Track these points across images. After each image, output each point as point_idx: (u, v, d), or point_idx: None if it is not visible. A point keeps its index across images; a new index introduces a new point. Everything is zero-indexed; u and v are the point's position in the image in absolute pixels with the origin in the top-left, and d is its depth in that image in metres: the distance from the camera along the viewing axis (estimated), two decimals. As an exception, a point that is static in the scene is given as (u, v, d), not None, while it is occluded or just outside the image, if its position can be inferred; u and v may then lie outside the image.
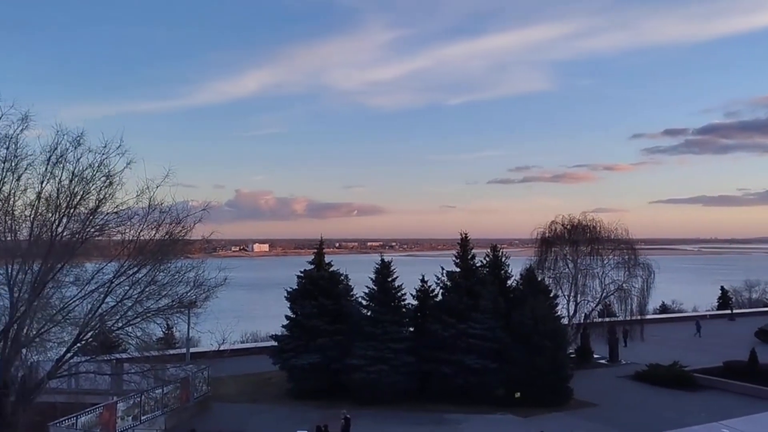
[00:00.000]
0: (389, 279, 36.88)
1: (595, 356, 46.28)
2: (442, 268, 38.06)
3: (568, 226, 47.68)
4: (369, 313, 36.46)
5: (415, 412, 33.02)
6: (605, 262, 47.40)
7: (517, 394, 33.82)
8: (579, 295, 46.01)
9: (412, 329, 37.23)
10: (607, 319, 48.43)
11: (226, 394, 35.33)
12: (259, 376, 39.54)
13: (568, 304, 45.64)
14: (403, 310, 37.03)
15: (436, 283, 37.97)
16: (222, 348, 30.75)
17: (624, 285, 46.31)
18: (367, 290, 37.13)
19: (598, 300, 46.69)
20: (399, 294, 36.92)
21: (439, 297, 37.67)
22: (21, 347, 21.89)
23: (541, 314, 34.84)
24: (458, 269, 37.91)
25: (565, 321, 43.03)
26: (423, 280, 38.10)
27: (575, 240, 47.14)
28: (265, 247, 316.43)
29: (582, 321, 46.24)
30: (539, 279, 41.41)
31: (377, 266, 37.24)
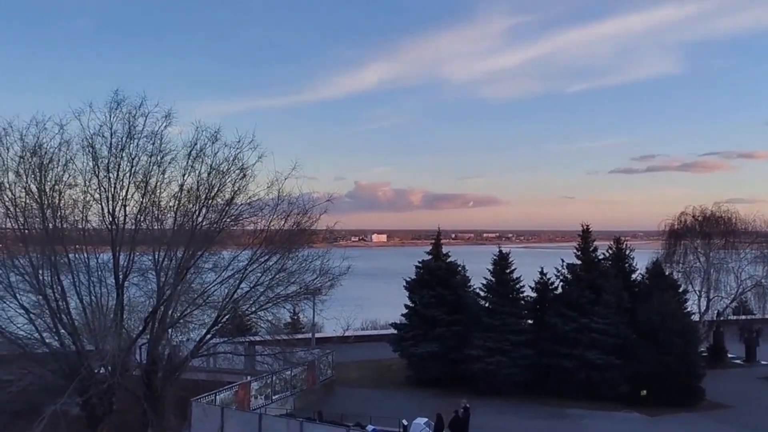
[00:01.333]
0: (507, 270, 36.67)
1: (730, 356, 43.49)
2: (563, 261, 37.29)
3: (700, 218, 44.96)
4: (487, 305, 36.46)
5: (535, 405, 32.70)
6: (741, 256, 44.31)
7: (644, 392, 32.58)
8: (711, 291, 43.32)
9: (530, 322, 36.84)
10: (743, 317, 45.42)
11: (349, 378, 36.65)
12: (380, 362, 40.57)
13: (699, 300, 43.12)
14: (522, 302, 36.73)
15: (556, 275, 37.28)
16: (346, 334, 31.95)
17: (763, 281, 43.15)
18: (484, 281, 37.13)
19: (732, 296, 43.87)
20: (517, 286, 36.65)
21: (559, 290, 36.97)
22: (167, 328, 23.92)
23: (668, 310, 33.32)
24: (579, 262, 37.01)
25: (696, 318, 40.86)
26: (542, 273, 37.53)
27: (708, 232, 44.38)
28: (383, 238, 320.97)
29: (715, 318, 43.60)
30: (667, 273, 39.55)
31: (495, 257, 37.12)
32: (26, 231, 21.73)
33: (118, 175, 22.51)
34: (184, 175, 24.06)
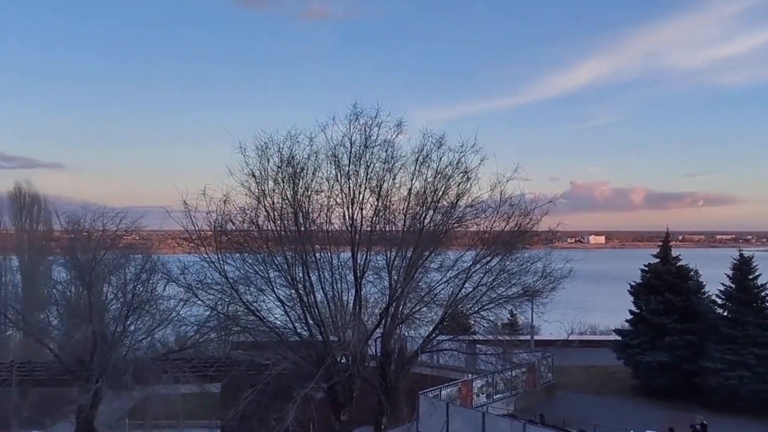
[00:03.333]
0: (750, 276, 33.26)
1: None
2: (822, 266, 32.91)
3: None
4: (725, 313, 33.38)
5: (786, 427, 29.27)
6: None
7: None
8: None
9: (781, 334, 33.02)
10: None
11: (569, 383, 35.84)
12: (602, 369, 39.08)
13: None
14: (769, 312, 33.09)
15: (814, 283, 32.96)
16: (569, 338, 31.43)
17: None
18: (722, 288, 34.07)
19: None
20: (763, 294, 33.09)
21: (818, 300, 32.65)
22: (398, 323, 25.57)
23: None
24: None
25: None
26: (795, 280, 33.44)
27: None
28: (601, 239, 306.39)
29: None
30: None
31: (734, 262, 33.80)
32: (282, 232, 24.69)
33: (357, 181, 24.67)
34: (412, 180, 25.78)
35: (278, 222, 24.73)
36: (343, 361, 24.26)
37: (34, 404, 32.50)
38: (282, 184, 24.55)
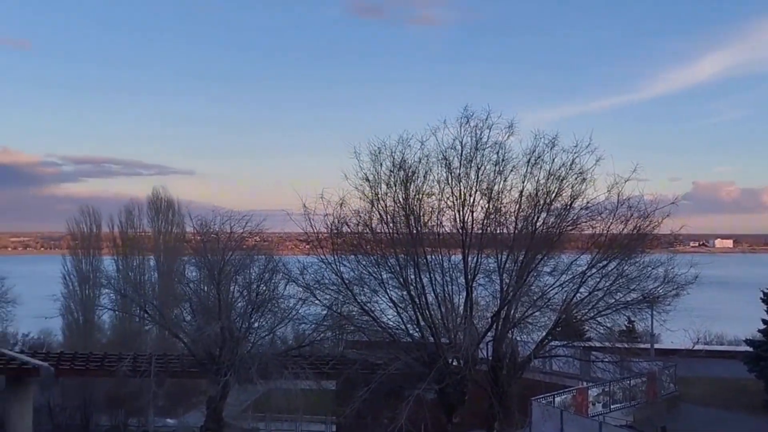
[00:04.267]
0: None
1: None
2: None
3: None
4: None
5: None
6: None
7: None
8: None
9: None
10: None
11: (694, 395, 34.06)
12: (731, 381, 36.79)
13: None
14: None
15: None
16: (695, 348, 29.77)
17: None
18: None
19: None
20: None
21: None
22: (509, 328, 25.38)
23: None
24: None
25: None
26: None
27: None
28: (729, 243, 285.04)
29: None
30: None
31: None
32: (395, 235, 25.29)
33: (467, 183, 24.80)
34: (523, 182, 25.38)
35: (391, 225, 25.27)
36: (454, 363, 24.40)
37: (167, 394, 35.14)
38: (394, 188, 25.06)
